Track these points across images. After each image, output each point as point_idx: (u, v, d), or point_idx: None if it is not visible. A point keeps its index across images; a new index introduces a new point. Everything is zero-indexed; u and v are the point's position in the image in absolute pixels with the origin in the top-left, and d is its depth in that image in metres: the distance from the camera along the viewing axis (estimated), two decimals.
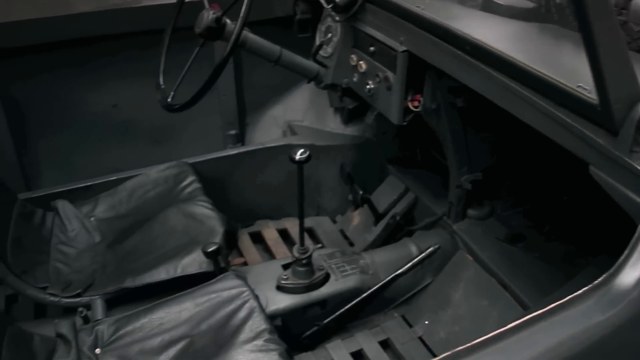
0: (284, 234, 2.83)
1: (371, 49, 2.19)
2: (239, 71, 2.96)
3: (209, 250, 1.94)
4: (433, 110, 2.11)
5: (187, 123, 2.90)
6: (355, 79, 2.35)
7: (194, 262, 2.01)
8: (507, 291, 2.09)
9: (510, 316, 1.95)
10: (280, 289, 2.12)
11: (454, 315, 2.19)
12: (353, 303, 2.20)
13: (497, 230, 2.33)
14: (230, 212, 2.33)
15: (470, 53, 1.68)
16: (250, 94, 3.05)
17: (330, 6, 2.26)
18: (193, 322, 1.76)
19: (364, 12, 2.22)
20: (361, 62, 2.27)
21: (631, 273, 1.12)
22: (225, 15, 2.09)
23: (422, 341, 2.21)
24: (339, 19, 2.32)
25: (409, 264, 2.28)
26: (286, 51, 2.35)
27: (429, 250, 2.31)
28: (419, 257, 2.30)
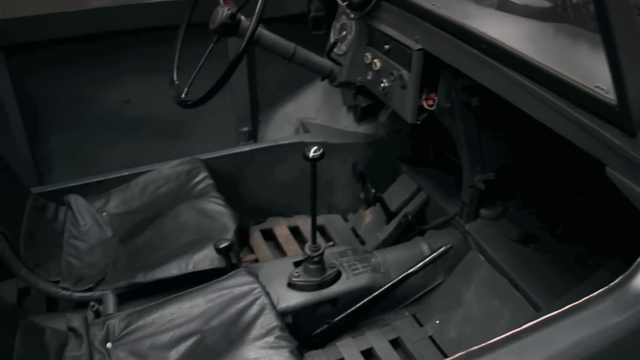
0: (295, 231, 2.83)
1: (386, 47, 2.18)
2: (252, 68, 2.96)
3: (221, 246, 1.94)
4: (447, 110, 2.10)
5: (199, 119, 2.91)
6: (370, 77, 2.34)
7: (205, 258, 2.00)
8: (519, 292, 2.07)
9: (522, 317, 1.96)
10: (291, 286, 2.12)
11: (465, 315, 2.18)
12: (364, 301, 2.20)
13: (509, 231, 2.31)
14: (242, 209, 2.32)
15: (487, 52, 1.67)
16: (263, 91, 3.06)
17: (345, 4, 2.26)
18: (204, 318, 1.76)
19: (379, 10, 2.21)
20: (375, 60, 2.26)
21: None
22: (239, 12, 2.09)
23: (433, 341, 2.20)
24: (353, 16, 2.32)
25: (421, 263, 2.27)
26: (300, 48, 2.35)
27: (440, 250, 2.30)
28: (431, 256, 2.30)
